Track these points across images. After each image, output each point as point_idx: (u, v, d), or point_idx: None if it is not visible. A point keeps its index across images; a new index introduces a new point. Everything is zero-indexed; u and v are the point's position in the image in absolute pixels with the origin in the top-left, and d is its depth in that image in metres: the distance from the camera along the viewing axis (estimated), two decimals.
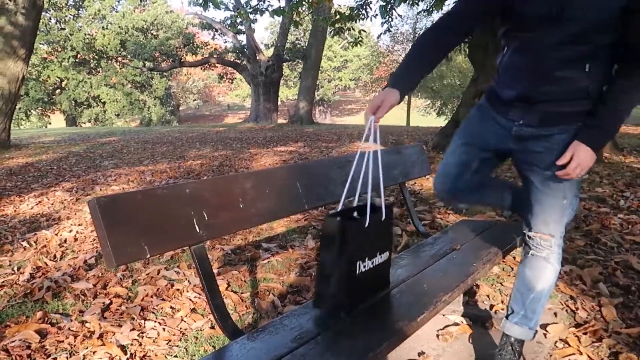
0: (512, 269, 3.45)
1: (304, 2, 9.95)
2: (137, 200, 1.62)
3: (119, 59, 38.55)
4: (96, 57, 37.61)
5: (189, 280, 3.32)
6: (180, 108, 53.19)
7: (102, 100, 38.16)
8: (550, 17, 1.83)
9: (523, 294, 2.22)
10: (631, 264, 3.45)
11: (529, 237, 2.17)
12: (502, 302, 3.01)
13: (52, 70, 35.60)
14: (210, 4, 7.57)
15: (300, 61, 29.59)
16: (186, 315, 2.84)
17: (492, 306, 2.98)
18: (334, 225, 1.87)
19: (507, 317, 2.29)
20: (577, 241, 3.99)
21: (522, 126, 2.03)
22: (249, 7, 11.55)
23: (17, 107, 18.89)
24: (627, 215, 4.70)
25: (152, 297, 3.09)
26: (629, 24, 1.78)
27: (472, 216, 4.79)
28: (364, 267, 1.93)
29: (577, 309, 2.87)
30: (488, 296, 3.10)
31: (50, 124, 39.62)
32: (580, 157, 1.88)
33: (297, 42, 34.05)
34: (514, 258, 3.58)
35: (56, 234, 4.53)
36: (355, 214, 1.99)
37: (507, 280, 3.28)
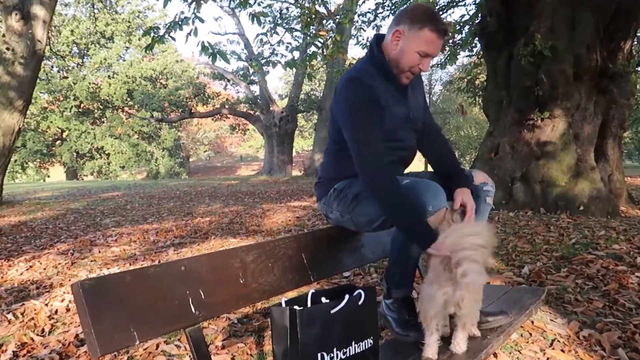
0: (531, 334, 3.38)
1: (317, 55, 10.14)
2: (126, 282, 1.62)
3: (126, 109, 39.15)
4: (101, 106, 38.21)
5: (190, 356, 3.28)
6: (190, 159, 53.69)
7: (106, 152, 38.47)
8: None
9: None
10: None
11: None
12: None
13: (52, 121, 36.06)
14: (220, 57, 7.68)
15: (315, 112, 29.94)
16: None
17: None
18: (280, 315, 1.87)
19: None
20: (596, 302, 3.97)
21: None
22: (261, 58, 11.74)
23: (12, 159, 19.08)
24: None
25: None
26: None
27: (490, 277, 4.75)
28: (331, 358, 1.89)
29: None
30: None
31: (48, 177, 39.84)
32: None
33: (312, 92, 34.52)
34: (532, 323, 3.52)
35: (46, 304, 4.47)
36: (323, 298, 1.97)
37: (526, 348, 3.21)
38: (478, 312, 2.35)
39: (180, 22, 7.97)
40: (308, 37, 10.95)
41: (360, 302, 1.98)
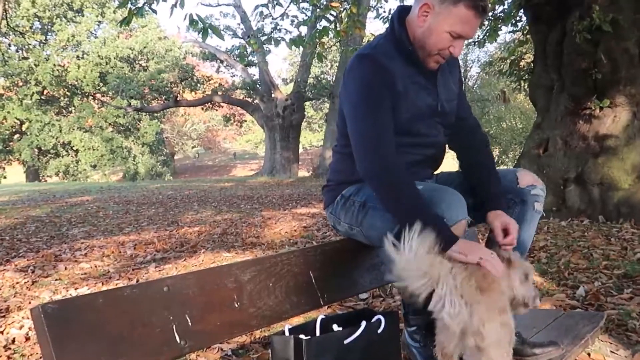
0: None
1: (329, 31, 10.07)
2: (98, 305, 1.62)
3: (98, 96, 39.17)
4: (68, 93, 38.27)
5: None
6: (176, 157, 53.80)
7: (75, 148, 38.49)
8: None
9: None
10: None
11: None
12: None
13: (9, 111, 36.03)
14: (212, 33, 7.64)
15: (326, 100, 29.88)
16: None
17: None
18: (282, 346, 1.88)
19: None
20: None
21: None
22: (261, 35, 11.67)
23: None
24: None
25: None
26: None
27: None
28: None
29: None
30: None
31: (5, 178, 39.77)
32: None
33: (322, 76, 34.46)
34: (589, 355, 3.50)
35: (1, 332, 4.50)
36: (334, 326, 1.96)
37: None
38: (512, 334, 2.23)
39: None
40: (318, 10, 10.93)
41: (379, 330, 1.97)
